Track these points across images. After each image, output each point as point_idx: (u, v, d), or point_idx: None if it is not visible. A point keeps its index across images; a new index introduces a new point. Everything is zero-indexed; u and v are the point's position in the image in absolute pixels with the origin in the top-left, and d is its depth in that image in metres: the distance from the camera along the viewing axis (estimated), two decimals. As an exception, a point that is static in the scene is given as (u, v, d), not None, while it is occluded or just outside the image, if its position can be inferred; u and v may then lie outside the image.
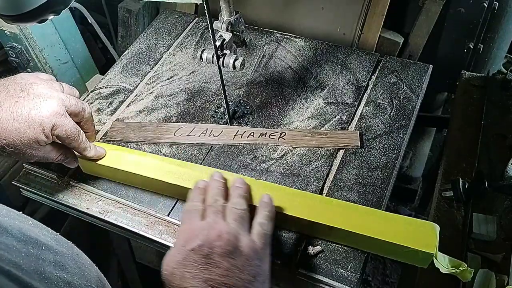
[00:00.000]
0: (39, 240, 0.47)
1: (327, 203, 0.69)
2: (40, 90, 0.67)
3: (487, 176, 0.79)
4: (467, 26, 1.12)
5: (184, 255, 0.56)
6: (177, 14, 1.14)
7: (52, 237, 0.51)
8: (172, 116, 0.90)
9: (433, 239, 0.62)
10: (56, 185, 0.82)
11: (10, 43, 1.03)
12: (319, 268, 0.68)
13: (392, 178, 0.78)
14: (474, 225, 0.75)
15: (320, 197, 0.74)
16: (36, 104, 0.65)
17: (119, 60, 1.04)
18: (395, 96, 0.90)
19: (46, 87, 0.68)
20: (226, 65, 0.77)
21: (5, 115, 0.64)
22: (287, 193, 0.70)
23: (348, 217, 0.66)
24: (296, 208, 0.67)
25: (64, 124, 0.67)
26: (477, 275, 0.68)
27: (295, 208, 0.67)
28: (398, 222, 0.65)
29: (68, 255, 0.50)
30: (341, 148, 0.82)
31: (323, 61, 0.99)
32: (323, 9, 1.08)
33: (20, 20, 0.58)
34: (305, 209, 0.67)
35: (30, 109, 0.65)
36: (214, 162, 0.82)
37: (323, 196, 0.75)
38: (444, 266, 0.62)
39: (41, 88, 0.67)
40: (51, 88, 0.69)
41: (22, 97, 0.65)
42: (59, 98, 0.68)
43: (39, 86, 0.68)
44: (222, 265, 0.55)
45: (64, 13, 0.67)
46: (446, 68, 1.15)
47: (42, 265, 0.44)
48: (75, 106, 0.70)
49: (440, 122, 1.34)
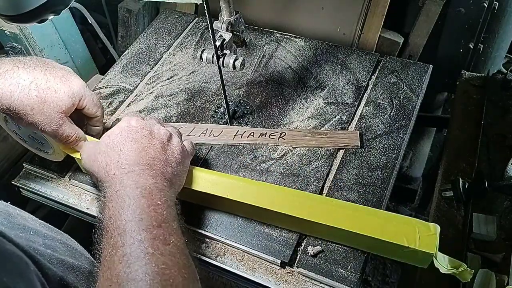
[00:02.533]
0: (27, 226, 0.49)
1: (326, 203, 0.69)
2: (62, 66, 0.72)
3: (487, 176, 0.79)
4: (467, 26, 1.12)
5: (126, 131, 0.64)
6: (177, 14, 1.14)
7: (40, 224, 0.52)
8: (172, 116, 0.90)
9: (433, 239, 0.62)
10: (56, 185, 0.82)
11: (10, 43, 1.03)
12: (319, 268, 0.68)
13: (392, 178, 0.78)
14: (474, 225, 0.75)
15: (320, 197, 0.74)
16: (66, 73, 0.70)
17: (119, 60, 1.04)
18: (395, 96, 0.90)
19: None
20: (226, 65, 0.77)
21: (39, 75, 0.66)
22: (287, 193, 0.70)
23: (347, 217, 0.66)
24: (296, 208, 0.67)
25: (90, 95, 0.72)
26: (477, 275, 0.68)
27: (295, 208, 0.67)
28: (398, 222, 0.65)
29: (57, 239, 0.51)
30: (341, 148, 0.82)
31: (323, 61, 0.98)
32: (323, 9, 1.08)
33: (20, 20, 0.58)
34: (304, 209, 0.67)
35: (62, 75, 0.68)
36: (214, 162, 0.82)
37: (323, 196, 0.75)
38: (444, 266, 0.62)
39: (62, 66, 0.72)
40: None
41: (51, 67, 0.69)
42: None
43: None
44: (157, 145, 0.64)
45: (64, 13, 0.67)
46: (446, 68, 1.15)
47: (32, 245, 0.46)
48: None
49: (440, 122, 1.34)
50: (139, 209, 0.54)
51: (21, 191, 0.87)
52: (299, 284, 0.69)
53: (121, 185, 0.57)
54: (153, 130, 0.66)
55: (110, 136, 0.65)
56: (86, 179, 0.80)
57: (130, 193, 0.56)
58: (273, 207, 0.67)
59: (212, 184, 0.71)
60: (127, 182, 0.57)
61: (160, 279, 0.49)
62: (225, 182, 0.71)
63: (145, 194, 0.56)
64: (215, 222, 0.74)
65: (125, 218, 0.53)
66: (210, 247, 0.73)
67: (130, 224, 0.53)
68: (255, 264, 0.71)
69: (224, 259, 0.72)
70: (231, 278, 0.73)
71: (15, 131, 0.78)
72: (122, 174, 0.59)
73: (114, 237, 0.52)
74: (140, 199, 0.55)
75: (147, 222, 0.53)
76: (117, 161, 0.60)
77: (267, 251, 0.70)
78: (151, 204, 0.55)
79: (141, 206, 0.55)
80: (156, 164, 0.61)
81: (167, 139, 0.66)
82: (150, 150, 0.63)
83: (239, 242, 0.71)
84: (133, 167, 0.59)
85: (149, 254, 0.50)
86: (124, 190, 0.56)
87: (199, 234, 0.74)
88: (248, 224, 0.73)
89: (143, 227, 0.53)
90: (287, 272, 0.69)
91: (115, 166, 0.60)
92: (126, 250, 0.50)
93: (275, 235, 0.71)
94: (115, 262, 0.50)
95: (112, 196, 0.57)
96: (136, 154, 0.61)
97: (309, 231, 0.70)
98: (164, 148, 0.65)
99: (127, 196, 0.56)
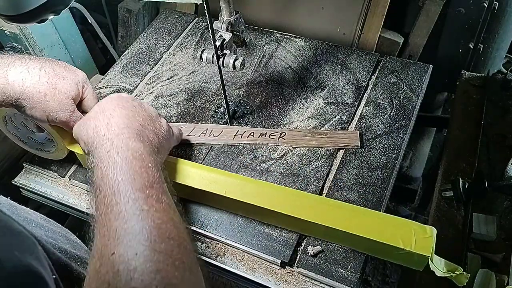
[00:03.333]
0: (29, 218, 0.49)
1: (323, 203, 0.69)
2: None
3: (487, 176, 0.79)
4: (467, 26, 1.12)
5: (117, 99, 0.65)
6: (177, 14, 1.14)
7: (41, 217, 0.53)
8: (172, 116, 0.90)
9: (429, 242, 0.62)
10: (56, 185, 0.82)
11: (10, 43, 1.03)
12: (319, 268, 0.68)
13: (392, 178, 0.78)
14: (474, 225, 0.75)
15: (317, 197, 0.74)
16: (67, 64, 0.71)
17: (119, 60, 1.04)
18: (395, 96, 0.90)
19: None
20: (226, 65, 0.77)
21: (45, 63, 0.67)
22: (287, 193, 0.70)
23: (345, 218, 0.66)
24: (293, 208, 0.67)
25: (91, 86, 0.73)
26: (477, 275, 0.68)
27: (294, 208, 0.67)
28: (395, 223, 0.65)
29: (58, 232, 0.52)
30: (341, 148, 0.82)
31: (323, 61, 0.98)
32: (323, 9, 1.08)
33: (20, 20, 0.58)
34: (301, 209, 0.67)
35: (65, 65, 0.70)
36: (214, 162, 0.82)
37: (322, 196, 0.75)
38: (439, 270, 0.62)
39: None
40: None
41: (55, 63, 0.70)
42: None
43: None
44: (146, 116, 0.65)
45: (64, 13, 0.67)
46: (446, 68, 1.14)
47: (36, 234, 0.46)
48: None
49: (440, 122, 1.34)
50: (131, 170, 0.55)
51: (21, 191, 0.87)
52: (299, 284, 0.69)
53: (112, 146, 0.58)
54: (142, 104, 0.68)
55: (100, 104, 0.66)
56: (86, 179, 0.80)
57: (122, 155, 0.57)
58: (271, 206, 0.68)
59: (210, 182, 0.71)
60: (117, 143, 0.58)
61: (157, 232, 0.49)
62: (224, 180, 0.71)
63: (136, 156, 0.57)
64: (215, 222, 0.74)
65: (117, 178, 0.54)
66: (210, 247, 0.73)
67: (124, 184, 0.53)
68: (255, 264, 0.71)
69: (224, 259, 0.72)
70: (231, 278, 0.73)
71: (14, 133, 0.78)
72: (112, 135, 0.59)
73: (108, 196, 0.53)
74: (132, 161, 0.56)
75: (139, 183, 0.54)
76: (107, 123, 0.61)
77: (267, 251, 0.70)
78: (142, 166, 0.57)
79: (133, 168, 0.56)
80: (144, 131, 0.63)
81: (156, 115, 0.69)
82: (139, 118, 0.64)
83: (239, 242, 0.71)
84: (123, 130, 0.60)
85: (144, 210, 0.51)
86: (115, 151, 0.57)
87: (199, 234, 0.74)
88: (248, 224, 0.73)
89: (137, 187, 0.54)
90: (287, 272, 0.70)
91: (104, 127, 0.60)
92: (121, 207, 0.51)
93: (275, 235, 0.71)
94: (111, 219, 0.50)
95: (103, 156, 0.57)
96: (126, 119, 0.62)
97: (306, 231, 0.70)
98: (152, 120, 0.66)
99: (119, 157, 0.56)
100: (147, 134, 0.63)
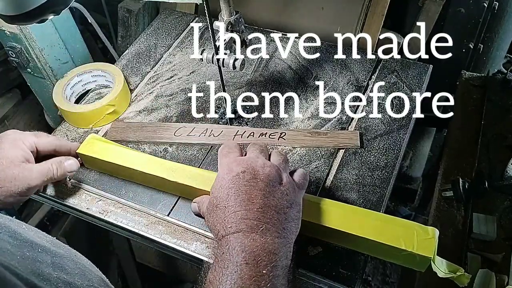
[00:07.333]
0: (35, 242, 0.47)
1: (325, 204, 0.69)
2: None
3: (487, 176, 0.79)
4: (467, 26, 1.12)
5: (227, 181, 0.59)
6: (177, 14, 1.14)
7: (48, 240, 0.50)
8: (172, 116, 0.90)
9: (431, 243, 0.61)
10: (56, 185, 0.82)
11: (10, 43, 1.03)
12: (319, 268, 0.68)
13: (392, 178, 0.78)
14: (474, 225, 0.75)
15: (318, 198, 0.74)
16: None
17: (119, 60, 1.04)
18: (395, 96, 0.90)
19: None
20: (226, 65, 0.77)
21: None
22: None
23: (345, 219, 0.65)
24: None
25: (43, 139, 0.75)
26: (477, 275, 0.68)
27: None
28: (396, 224, 0.65)
29: (66, 257, 0.49)
30: (341, 148, 0.82)
31: (323, 61, 0.98)
32: (323, 9, 1.08)
33: (20, 20, 0.58)
34: (304, 210, 0.67)
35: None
36: (214, 162, 0.82)
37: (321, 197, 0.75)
38: (441, 271, 0.62)
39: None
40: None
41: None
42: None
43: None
44: (263, 189, 0.58)
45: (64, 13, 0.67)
46: (446, 68, 1.14)
47: (40, 267, 0.43)
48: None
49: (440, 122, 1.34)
50: (240, 280, 0.51)
51: (21, 191, 0.87)
52: (299, 284, 0.69)
53: (227, 248, 0.54)
54: (256, 170, 0.60)
55: (213, 192, 0.61)
56: (86, 179, 0.80)
57: (234, 259, 0.53)
58: None
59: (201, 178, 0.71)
60: (233, 244, 0.54)
61: None
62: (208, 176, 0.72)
63: (250, 260, 0.52)
64: (215, 222, 0.74)
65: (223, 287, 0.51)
66: (210, 247, 0.73)
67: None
68: (255, 264, 0.71)
69: (224, 259, 0.72)
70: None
71: None
72: (229, 235, 0.55)
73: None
74: (243, 268, 0.52)
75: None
76: (223, 220, 0.57)
77: (267, 251, 0.70)
78: (253, 275, 0.51)
79: (242, 277, 0.51)
80: (265, 215, 0.56)
81: (275, 179, 0.60)
82: (257, 199, 0.57)
83: (239, 242, 0.71)
84: (240, 225, 0.55)
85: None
86: (229, 254, 0.53)
87: (199, 234, 0.74)
88: (248, 224, 0.73)
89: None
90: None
91: (221, 226, 0.56)
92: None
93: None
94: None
95: (217, 257, 0.54)
96: (242, 208, 0.56)
97: (308, 232, 0.70)
98: (272, 192, 0.58)
99: (230, 261, 0.53)
100: (269, 217, 0.56)
